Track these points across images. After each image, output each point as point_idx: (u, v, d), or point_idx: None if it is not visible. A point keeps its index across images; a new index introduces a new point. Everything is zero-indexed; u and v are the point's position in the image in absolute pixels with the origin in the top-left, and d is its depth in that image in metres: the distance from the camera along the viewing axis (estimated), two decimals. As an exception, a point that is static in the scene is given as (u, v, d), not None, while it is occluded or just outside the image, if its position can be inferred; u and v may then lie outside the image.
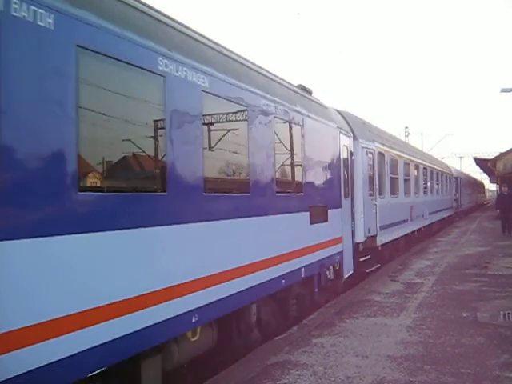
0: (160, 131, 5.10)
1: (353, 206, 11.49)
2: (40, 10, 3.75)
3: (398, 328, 7.83)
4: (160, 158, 5.13)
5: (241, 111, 6.72)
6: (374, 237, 13.16)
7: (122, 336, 4.37)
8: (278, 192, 7.57)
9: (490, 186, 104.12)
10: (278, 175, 7.80)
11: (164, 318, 4.92)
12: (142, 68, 4.84)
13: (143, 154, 5.04)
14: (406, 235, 18.36)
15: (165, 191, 5.05)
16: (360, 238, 11.99)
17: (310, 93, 10.10)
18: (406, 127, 61.56)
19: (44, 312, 3.68)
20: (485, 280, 11.83)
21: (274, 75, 8.48)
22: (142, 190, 4.91)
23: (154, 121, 5.07)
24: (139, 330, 4.57)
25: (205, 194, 5.70)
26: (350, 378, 5.80)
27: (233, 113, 6.61)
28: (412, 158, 20.01)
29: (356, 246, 11.81)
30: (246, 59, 7.54)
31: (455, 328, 7.75)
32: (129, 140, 4.82)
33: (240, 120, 6.73)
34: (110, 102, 4.58)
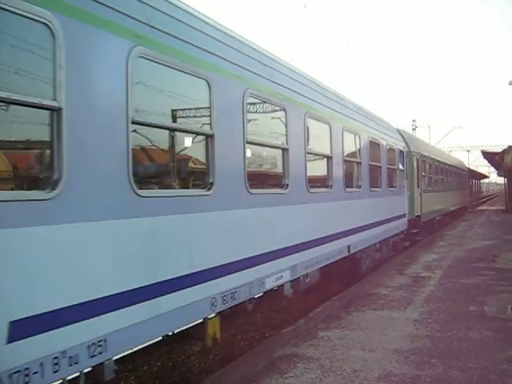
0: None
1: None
2: None
3: (404, 321, 7.81)
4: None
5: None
6: None
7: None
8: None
9: (498, 180, 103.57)
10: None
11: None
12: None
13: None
14: None
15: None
16: None
17: None
18: (414, 120, 61.22)
19: None
20: (492, 274, 11.78)
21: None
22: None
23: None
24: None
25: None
26: (356, 371, 5.80)
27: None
28: None
29: None
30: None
31: (462, 322, 7.73)
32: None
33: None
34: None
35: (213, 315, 5.91)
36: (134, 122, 4.58)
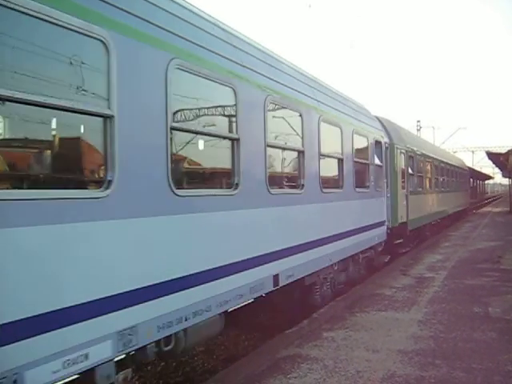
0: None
1: None
2: None
3: (408, 322, 7.80)
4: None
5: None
6: None
7: None
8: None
9: (503, 181, 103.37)
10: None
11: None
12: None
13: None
14: None
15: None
16: None
17: None
18: (418, 121, 61.17)
19: None
20: (497, 275, 11.74)
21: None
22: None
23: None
24: None
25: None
26: (360, 372, 5.80)
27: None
28: None
29: None
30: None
31: (467, 323, 7.71)
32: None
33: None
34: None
35: None
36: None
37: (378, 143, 12.84)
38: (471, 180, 66.91)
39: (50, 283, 3.72)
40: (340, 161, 9.94)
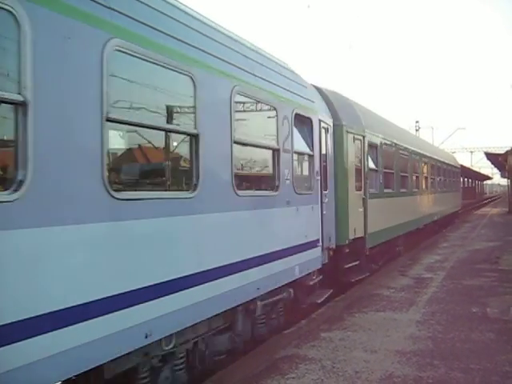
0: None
1: None
2: None
3: (407, 323, 7.80)
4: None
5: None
6: None
7: None
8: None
9: (501, 181, 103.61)
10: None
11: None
12: None
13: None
14: None
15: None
16: None
17: None
18: (417, 121, 61.19)
19: None
20: (495, 275, 11.74)
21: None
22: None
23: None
24: None
25: None
26: (358, 372, 5.79)
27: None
28: None
29: None
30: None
31: (465, 323, 7.71)
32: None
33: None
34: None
35: None
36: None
37: (304, 120, 8.50)
38: (469, 180, 66.71)
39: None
40: (193, 139, 5.31)
